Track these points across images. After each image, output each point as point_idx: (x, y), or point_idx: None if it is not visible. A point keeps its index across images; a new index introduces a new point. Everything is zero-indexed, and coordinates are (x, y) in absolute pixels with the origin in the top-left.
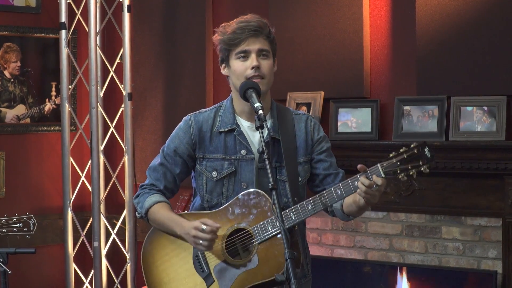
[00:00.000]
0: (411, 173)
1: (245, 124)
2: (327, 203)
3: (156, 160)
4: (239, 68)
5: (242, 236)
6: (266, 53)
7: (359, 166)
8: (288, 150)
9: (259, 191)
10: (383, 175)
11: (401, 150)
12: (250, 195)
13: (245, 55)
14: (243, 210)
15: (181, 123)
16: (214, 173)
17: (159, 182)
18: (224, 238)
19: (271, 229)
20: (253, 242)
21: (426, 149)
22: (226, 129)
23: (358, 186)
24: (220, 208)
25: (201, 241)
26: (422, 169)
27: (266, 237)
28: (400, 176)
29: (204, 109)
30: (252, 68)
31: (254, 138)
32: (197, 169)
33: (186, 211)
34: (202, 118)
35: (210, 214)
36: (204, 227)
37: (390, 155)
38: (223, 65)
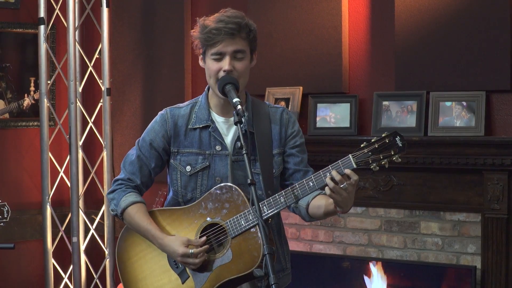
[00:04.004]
0: (383, 162)
1: (219, 120)
2: (299, 195)
3: (132, 153)
4: (213, 68)
5: (215, 231)
6: (242, 54)
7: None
8: (263, 143)
9: (232, 185)
10: (355, 166)
11: (372, 140)
12: (222, 190)
13: (219, 57)
14: (216, 204)
15: (157, 116)
16: (188, 168)
17: (135, 176)
18: (197, 233)
19: (244, 223)
20: (227, 236)
21: (398, 138)
22: (201, 126)
23: (326, 182)
24: (193, 203)
25: (192, 266)
26: (394, 158)
27: (240, 231)
28: (372, 167)
29: (181, 104)
30: (224, 71)
31: (229, 133)
32: (171, 164)
33: (160, 207)
34: (178, 113)
35: (184, 210)
36: (191, 251)
37: (362, 145)
38: (200, 57)
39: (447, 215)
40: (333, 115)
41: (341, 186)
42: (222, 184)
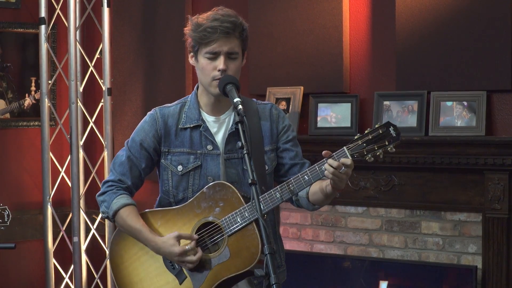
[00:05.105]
0: (378, 153)
1: (210, 119)
2: (295, 190)
3: (121, 154)
4: (206, 67)
5: (210, 230)
6: (235, 55)
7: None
8: (253, 140)
9: (225, 182)
10: (350, 158)
11: (366, 131)
12: (215, 188)
13: (213, 56)
14: (210, 203)
15: (146, 116)
16: (180, 167)
17: (125, 177)
18: (192, 233)
19: (241, 221)
20: (223, 234)
21: (391, 128)
22: (191, 125)
23: (325, 168)
24: (186, 203)
25: (189, 265)
26: (389, 148)
27: (236, 228)
28: (367, 158)
29: (169, 104)
30: (219, 70)
31: (219, 132)
32: (162, 164)
33: (150, 209)
34: (167, 112)
35: (177, 210)
36: (188, 247)
37: (355, 137)
38: (191, 54)
39: (448, 215)
40: (334, 115)
41: (340, 171)
42: (215, 182)
